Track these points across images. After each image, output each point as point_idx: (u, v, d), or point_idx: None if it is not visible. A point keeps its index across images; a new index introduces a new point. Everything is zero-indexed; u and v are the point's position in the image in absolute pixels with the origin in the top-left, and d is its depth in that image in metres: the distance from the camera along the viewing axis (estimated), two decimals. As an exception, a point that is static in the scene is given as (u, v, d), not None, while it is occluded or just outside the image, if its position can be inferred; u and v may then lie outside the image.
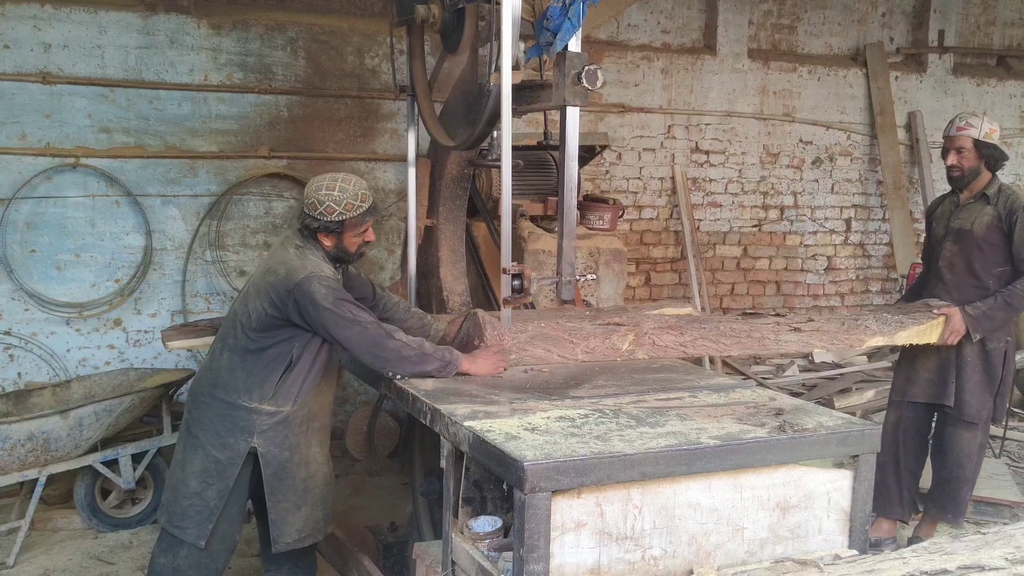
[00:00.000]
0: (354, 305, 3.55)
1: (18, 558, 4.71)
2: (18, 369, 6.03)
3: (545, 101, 3.83)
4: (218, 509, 3.60)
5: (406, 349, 3.52)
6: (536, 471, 2.44)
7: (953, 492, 4.89)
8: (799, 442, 2.80)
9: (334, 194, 3.61)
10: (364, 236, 3.75)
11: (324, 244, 3.69)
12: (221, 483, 3.59)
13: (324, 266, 3.62)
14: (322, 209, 3.59)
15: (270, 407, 3.58)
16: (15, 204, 5.90)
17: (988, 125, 4.73)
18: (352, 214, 3.62)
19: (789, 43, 8.45)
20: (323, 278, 3.53)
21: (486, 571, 2.71)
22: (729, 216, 8.23)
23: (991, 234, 4.73)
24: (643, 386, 3.41)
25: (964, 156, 4.75)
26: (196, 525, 3.60)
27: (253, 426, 3.57)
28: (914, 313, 4.68)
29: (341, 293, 3.55)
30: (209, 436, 3.60)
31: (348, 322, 3.49)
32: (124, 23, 6.06)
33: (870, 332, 4.34)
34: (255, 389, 3.57)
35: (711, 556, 2.73)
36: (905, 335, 4.45)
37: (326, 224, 3.61)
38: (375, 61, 6.74)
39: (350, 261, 3.82)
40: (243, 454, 3.58)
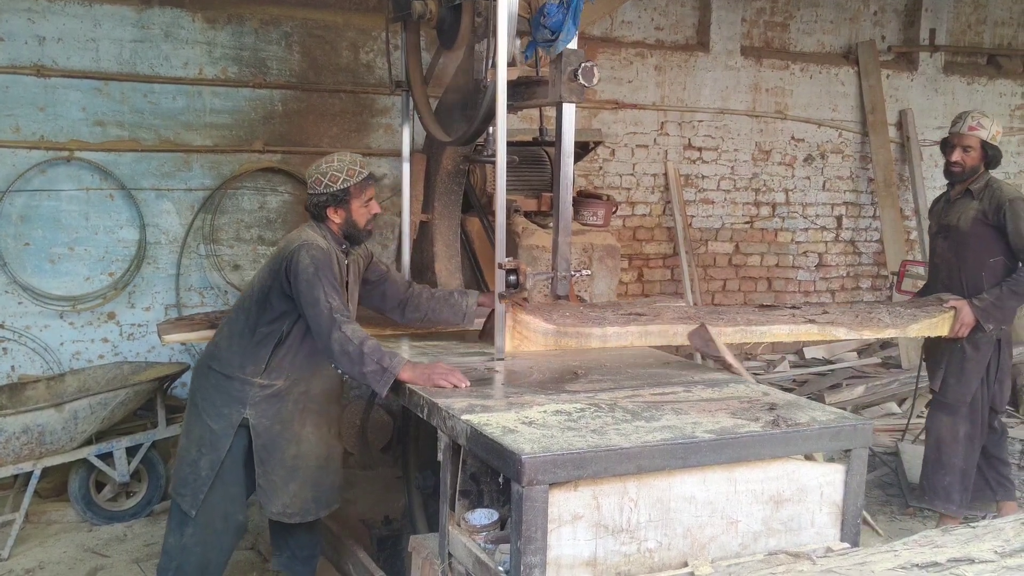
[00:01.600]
0: (328, 285, 3.56)
1: (13, 550, 4.72)
2: (11, 362, 6.02)
3: (541, 97, 3.86)
4: (209, 479, 3.71)
5: (348, 344, 3.46)
6: (534, 464, 2.47)
7: (929, 475, 4.97)
8: (793, 436, 2.83)
9: (334, 164, 3.76)
10: (370, 207, 3.84)
11: (334, 222, 3.80)
12: (213, 453, 3.70)
13: (319, 239, 3.70)
14: (327, 180, 3.73)
15: (262, 380, 3.70)
16: (9, 197, 5.89)
17: (996, 127, 4.90)
18: (355, 180, 3.75)
19: (782, 41, 8.49)
20: (312, 247, 3.61)
21: (483, 563, 2.74)
22: (721, 213, 8.27)
23: (976, 228, 4.85)
24: (638, 380, 3.45)
25: (969, 155, 4.89)
26: (191, 493, 3.71)
27: (246, 397, 3.69)
28: (926, 307, 4.81)
29: (323, 268, 3.57)
30: (207, 406, 3.73)
31: (312, 300, 3.54)
32: (119, 16, 6.05)
33: (883, 325, 4.45)
34: (248, 363, 3.70)
35: (705, 549, 2.76)
36: (917, 327, 4.58)
37: (333, 194, 3.74)
38: (370, 56, 6.74)
39: (362, 238, 3.90)
40: (235, 424, 3.69)
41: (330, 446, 3.95)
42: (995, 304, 4.75)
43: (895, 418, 7.15)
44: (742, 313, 4.46)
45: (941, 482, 4.94)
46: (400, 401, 3.56)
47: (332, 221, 3.80)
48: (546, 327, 3.95)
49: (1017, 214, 4.75)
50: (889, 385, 7.49)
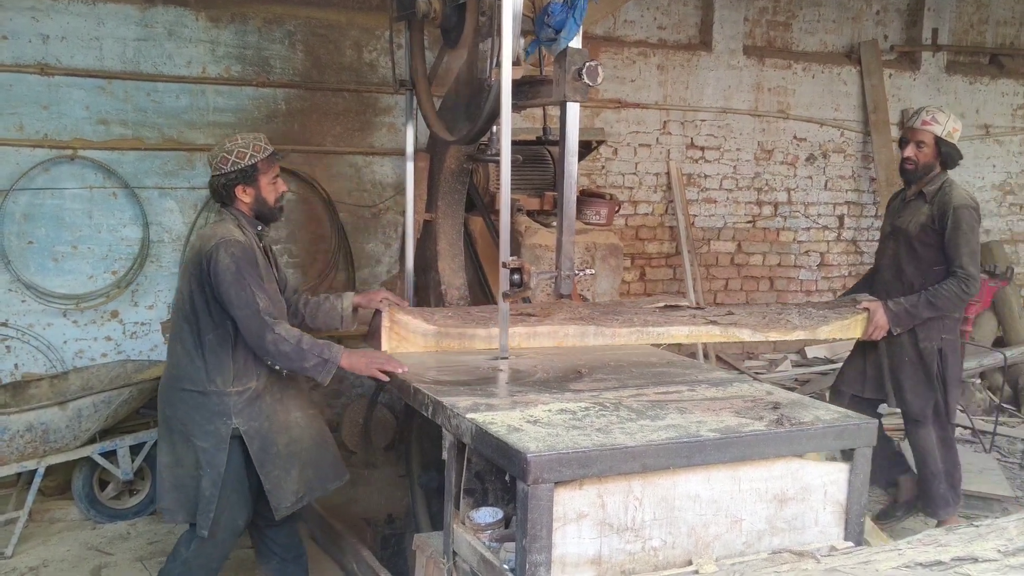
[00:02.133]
0: (253, 282, 3.55)
1: (16, 548, 4.73)
2: (15, 360, 6.03)
3: (545, 97, 3.86)
4: (215, 498, 3.65)
5: (284, 344, 3.52)
6: (539, 463, 2.47)
7: (925, 486, 4.97)
8: (797, 435, 2.84)
9: (239, 142, 3.73)
10: (277, 184, 3.83)
11: (243, 201, 3.75)
12: (213, 471, 3.64)
13: (235, 231, 3.65)
14: (234, 158, 3.68)
15: (236, 387, 3.65)
16: (12, 195, 5.89)
17: (952, 123, 4.71)
18: (262, 155, 3.73)
19: (784, 40, 8.49)
20: (230, 243, 3.56)
21: (488, 561, 2.75)
22: (724, 212, 8.27)
23: (924, 234, 4.71)
24: (642, 380, 3.45)
25: (923, 151, 4.73)
26: (202, 515, 3.66)
27: (229, 408, 3.64)
28: (839, 308, 4.70)
29: (245, 266, 3.55)
30: (192, 428, 3.65)
31: (239, 302, 3.53)
32: (122, 15, 6.05)
33: (791, 327, 4.35)
34: (215, 375, 3.64)
35: (710, 547, 2.77)
36: (828, 330, 4.44)
37: (242, 170, 3.69)
38: (373, 55, 6.75)
39: (274, 216, 3.88)
40: (227, 438, 3.65)
41: (320, 423, 3.97)
42: (908, 311, 4.62)
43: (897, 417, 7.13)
44: (640, 313, 4.34)
45: (937, 491, 4.92)
46: (404, 399, 3.56)
47: (241, 201, 3.75)
48: (426, 328, 3.87)
49: (958, 222, 4.58)
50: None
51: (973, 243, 4.62)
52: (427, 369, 3.57)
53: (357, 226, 6.83)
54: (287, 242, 6.64)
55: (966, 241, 4.59)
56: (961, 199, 4.65)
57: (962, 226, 4.58)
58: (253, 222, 3.81)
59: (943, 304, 4.62)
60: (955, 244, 4.59)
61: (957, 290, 4.58)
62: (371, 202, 6.85)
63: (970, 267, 4.58)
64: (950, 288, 4.58)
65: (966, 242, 4.59)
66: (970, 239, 4.60)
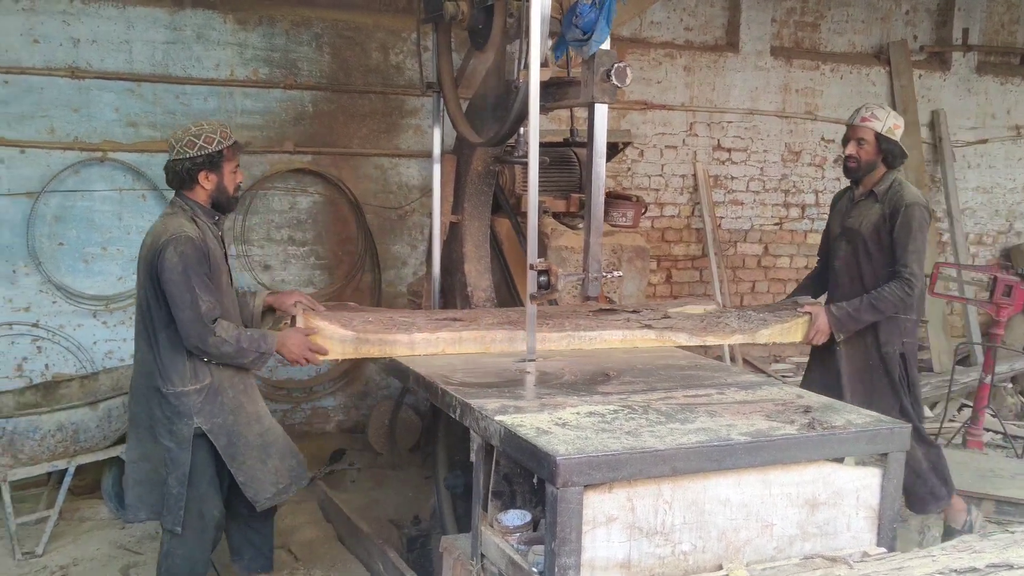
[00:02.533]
0: (198, 283, 3.56)
1: (47, 547, 4.77)
2: (45, 360, 6.09)
3: (573, 98, 3.86)
4: (183, 496, 3.71)
5: (225, 346, 3.60)
6: (569, 465, 2.46)
7: (912, 488, 4.84)
8: (829, 439, 2.81)
9: (205, 128, 3.74)
10: (237, 174, 3.85)
11: (204, 189, 3.75)
12: (178, 470, 3.69)
13: (187, 226, 3.64)
14: (201, 142, 3.68)
15: (193, 385, 3.67)
16: (44, 197, 5.96)
17: (893, 120, 4.60)
18: (228, 143, 3.74)
19: (812, 41, 8.43)
20: (180, 240, 3.56)
21: (516, 564, 2.74)
22: (750, 214, 8.22)
23: (878, 234, 4.58)
24: (670, 383, 3.43)
25: (863, 148, 4.61)
26: (170, 512, 3.72)
27: (190, 408, 3.67)
28: (779, 311, 4.58)
29: (192, 265, 3.56)
30: (158, 427, 3.71)
31: (182, 303, 3.55)
32: (152, 18, 6.11)
33: (729, 330, 4.25)
34: (173, 374, 3.66)
35: (740, 552, 2.75)
36: (767, 333, 4.33)
37: (209, 156, 3.69)
38: (399, 57, 6.76)
39: (230, 207, 3.90)
40: (189, 437, 3.68)
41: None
42: (851, 315, 4.48)
43: (927, 422, 7.06)
44: (572, 318, 4.27)
45: (926, 488, 4.80)
46: (431, 401, 3.56)
47: (202, 187, 3.75)
48: (344, 334, 3.76)
49: (908, 220, 4.44)
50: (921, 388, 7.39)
51: (919, 242, 4.47)
52: (454, 371, 3.57)
53: (383, 228, 6.85)
54: (314, 244, 6.67)
55: (912, 239, 4.44)
56: (913, 197, 4.51)
57: (912, 224, 4.44)
58: (210, 212, 3.81)
59: (885, 307, 4.47)
60: (902, 243, 4.45)
61: (900, 292, 4.44)
62: (397, 204, 6.87)
63: (914, 266, 4.43)
64: (892, 291, 4.44)
65: (912, 240, 4.44)
66: (917, 238, 4.46)
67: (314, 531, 5.09)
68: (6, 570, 4.57)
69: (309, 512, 5.36)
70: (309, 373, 6.75)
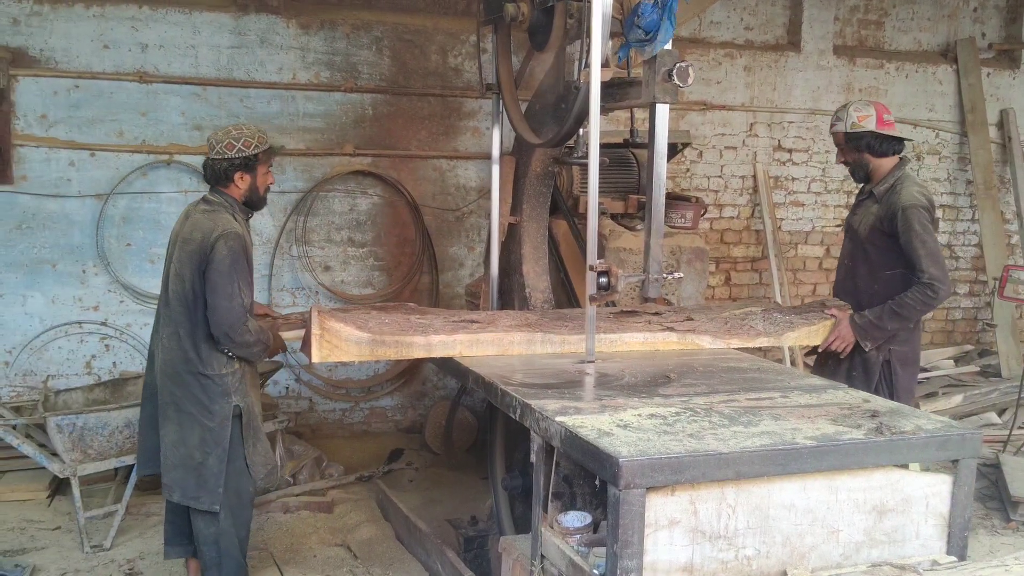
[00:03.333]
0: (242, 280, 3.81)
1: (114, 541, 4.88)
2: (113, 359, 6.25)
3: (634, 98, 3.84)
4: (222, 473, 3.90)
5: (250, 336, 3.84)
6: (631, 467, 2.45)
7: None
8: (898, 444, 2.75)
9: (244, 131, 3.96)
10: (268, 176, 4.07)
11: (239, 188, 3.98)
12: (218, 448, 3.90)
13: (234, 223, 3.88)
14: (240, 145, 3.90)
15: (229, 368, 3.91)
16: (112, 199, 6.11)
17: (856, 114, 4.48)
18: (263, 147, 3.95)
19: (876, 39, 8.26)
20: (231, 236, 3.80)
21: (577, 566, 2.72)
22: (812, 215, 8.08)
23: (874, 235, 4.46)
24: (733, 385, 3.39)
25: (843, 151, 4.63)
26: (208, 493, 3.89)
27: (229, 388, 3.90)
28: (807, 313, 4.44)
29: (238, 261, 3.80)
30: (199, 409, 3.89)
31: (226, 294, 3.77)
32: (217, 23, 6.23)
33: (754, 333, 4.16)
34: (213, 359, 3.88)
35: (805, 558, 2.70)
36: (794, 336, 4.21)
37: (245, 158, 3.91)
38: (458, 60, 6.80)
39: (259, 206, 4.11)
40: (230, 416, 3.91)
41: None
42: (874, 324, 4.30)
43: (995, 429, 6.89)
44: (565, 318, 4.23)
45: None
46: (491, 401, 3.57)
47: (237, 187, 3.97)
48: (359, 335, 3.75)
49: (909, 223, 4.27)
50: (989, 395, 7.22)
51: (930, 243, 4.29)
52: (513, 371, 3.57)
53: (441, 230, 6.89)
54: (373, 245, 6.73)
55: (922, 243, 4.26)
56: (910, 199, 4.33)
57: (914, 227, 4.27)
58: (244, 209, 4.04)
59: (909, 313, 4.31)
60: (911, 248, 4.28)
61: (923, 297, 4.26)
62: (455, 206, 6.90)
63: (932, 269, 4.25)
64: (914, 296, 4.27)
65: (922, 243, 4.26)
66: (926, 240, 4.27)
67: (372, 530, 5.14)
68: (75, 563, 4.69)
69: (368, 511, 5.41)
70: (367, 373, 6.81)
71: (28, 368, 6.12)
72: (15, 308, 6.07)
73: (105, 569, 4.64)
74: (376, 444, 6.57)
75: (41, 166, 6.02)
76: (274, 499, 5.41)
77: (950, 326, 8.62)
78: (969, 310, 8.66)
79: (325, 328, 3.74)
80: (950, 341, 8.56)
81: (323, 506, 5.45)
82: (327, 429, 6.73)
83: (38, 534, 5.00)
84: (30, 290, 6.08)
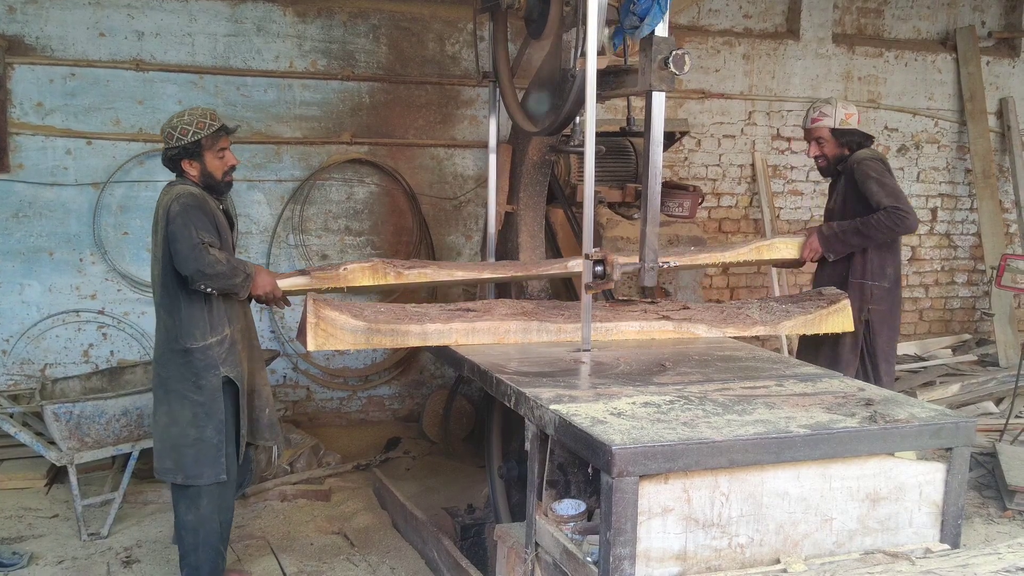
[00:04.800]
0: (196, 223, 3.73)
1: (112, 528, 4.89)
2: (111, 347, 6.25)
3: (630, 86, 3.82)
4: (222, 444, 3.91)
5: (219, 265, 3.75)
6: (624, 455, 2.45)
7: None
8: (891, 433, 2.75)
9: (184, 118, 3.89)
10: (226, 159, 3.97)
11: (191, 174, 3.93)
12: (215, 420, 3.90)
13: (190, 187, 3.85)
14: (177, 133, 3.85)
15: (214, 337, 3.88)
16: (109, 188, 6.11)
17: (843, 111, 4.71)
18: (205, 132, 3.86)
19: (875, 27, 8.23)
20: (183, 195, 3.78)
21: (571, 553, 2.73)
22: (810, 204, 8.07)
23: (848, 205, 4.71)
24: (727, 374, 3.39)
25: (825, 146, 4.78)
26: (210, 466, 3.90)
27: (215, 359, 3.87)
28: (804, 302, 4.46)
29: (192, 210, 3.75)
30: (186, 385, 3.87)
31: (184, 237, 3.71)
32: (213, 11, 6.21)
33: (750, 322, 4.19)
34: (195, 330, 3.86)
35: (799, 546, 2.71)
36: (790, 324, 4.23)
37: (185, 147, 3.85)
38: (455, 48, 6.78)
39: (221, 189, 4.04)
40: (219, 386, 3.89)
41: (263, 381, 4.20)
42: (838, 236, 4.60)
43: (992, 418, 6.89)
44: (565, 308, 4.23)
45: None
46: (486, 389, 3.57)
47: (189, 174, 3.92)
48: (355, 324, 3.76)
49: (865, 173, 4.57)
50: (986, 384, 7.22)
51: (889, 183, 4.58)
52: (509, 360, 3.57)
53: (438, 218, 6.88)
54: (370, 234, 6.73)
55: (880, 184, 4.54)
56: (861, 155, 4.67)
57: (869, 174, 4.56)
58: (208, 192, 3.98)
59: (872, 232, 4.55)
60: (869, 191, 4.55)
61: (888, 220, 4.50)
62: (452, 194, 6.89)
63: (893, 202, 4.51)
64: (879, 218, 4.51)
65: (880, 185, 4.54)
66: (884, 181, 4.56)
67: (369, 518, 5.15)
68: (73, 550, 4.70)
69: (365, 499, 5.43)
70: (364, 362, 6.82)
71: (25, 357, 6.12)
72: (12, 297, 6.07)
73: (103, 557, 4.65)
74: (373, 433, 6.58)
75: (38, 154, 6.01)
76: (271, 487, 5.43)
77: (948, 315, 8.62)
78: (967, 299, 8.66)
79: (320, 316, 3.73)
80: (948, 330, 8.56)
81: (320, 494, 5.46)
82: (324, 418, 6.73)
83: (36, 522, 5.01)
84: (27, 279, 6.08)
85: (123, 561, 4.62)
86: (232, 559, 4.55)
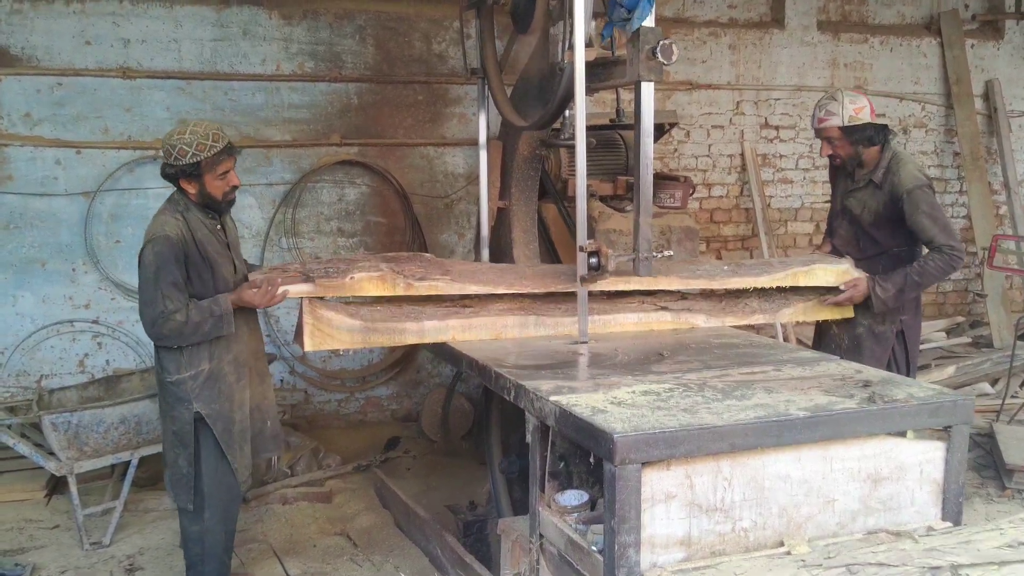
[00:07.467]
0: (166, 286, 3.64)
1: (113, 537, 4.89)
2: (106, 356, 6.24)
3: (619, 78, 3.82)
4: (191, 475, 3.87)
5: (182, 328, 3.67)
6: (626, 443, 2.46)
7: None
8: (890, 413, 2.76)
9: (185, 137, 3.69)
10: (227, 180, 3.82)
11: (189, 192, 3.79)
12: (186, 451, 3.86)
13: (171, 224, 3.70)
14: (176, 153, 3.69)
15: (188, 372, 3.80)
16: (100, 196, 6.09)
17: (852, 106, 4.38)
18: (205, 155, 3.69)
19: (860, 13, 8.26)
20: (158, 240, 3.65)
21: (575, 543, 2.74)
22: (800, 192, 8.10)
23: (880, 222, 4.45)
24: (725, 361, 3.41)
25: (837, 146, 4.46)
26: (183, 491, 3.90)
27: (188, 393, 3.81)
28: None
29: (164, 265, 3.63)
30: (166, 409, 3.89)
31: (148, 299, 3.66)
32: (199, 16, 6.19)
33: (750, 310, 4.17)
34: (169, 363, 3.81)
35: (802, 528, 2.72)
36: (790, 312, 4.22)
37: (183, 168, 3.70)
38: (442, 46, 6.78)
39: (222, 210, 3.91)
40: (190, 421, 3.83)
41: (264, 395, 4.12)
42: (895, 297, 4.31)
43: (988, 399, 6.92)
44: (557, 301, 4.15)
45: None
46: (485, 384, 3.58)
47: (188, 192, 3.79)
48: (351, 323, 3.74)
49: (916, 204, 4.28)
50: (981, 365, 7.26)
51: (940, 218, 4.33)
52: (507, 354, 3.58)
53: (431, 217, 6.88)
54: (362, 235, 6.72)
55: (932, 220, 4.29)
56: (911, 180, 4.33)
57: (921, 207, 4.29)
58: (205, 208, 3.85)
59: (928, 281, 4.38)
60: (921, 227, 4.29)
61: (944, 265, 4.29)
62: (443, 193, 6.89)
63: (949, 240, 4.29)
64: (936, 263, 4.28)
65: (932, 221, 4.29)
66: (936, 216, 4.31)
67: (372, 518, 5.15)
68: (75, 560, 4.69)
69: (366, 499, 5.43)
70: (361, 363, 6.81)
71: (21, 368, 6.10)
72: (6, 308, 6.06)
73: (105, 566, 4.65)
74: (373, 433, 6.58)
75: (27, 165, 6.00)
76: (272, 491, 5.43)
77: (941, 298, 8.65)
78: (959, 282, 8.69)
79: (316, 317, 3.73)
80: (941, 313, 8.60)
81: (321, 496, 5.46)
82: (323, 420, 6.73)
83: (37, 533, 4.99)
84: (20, 290, 6.07)
85: (126, 569, 4.61)
86: (236, 564, 4.54)
